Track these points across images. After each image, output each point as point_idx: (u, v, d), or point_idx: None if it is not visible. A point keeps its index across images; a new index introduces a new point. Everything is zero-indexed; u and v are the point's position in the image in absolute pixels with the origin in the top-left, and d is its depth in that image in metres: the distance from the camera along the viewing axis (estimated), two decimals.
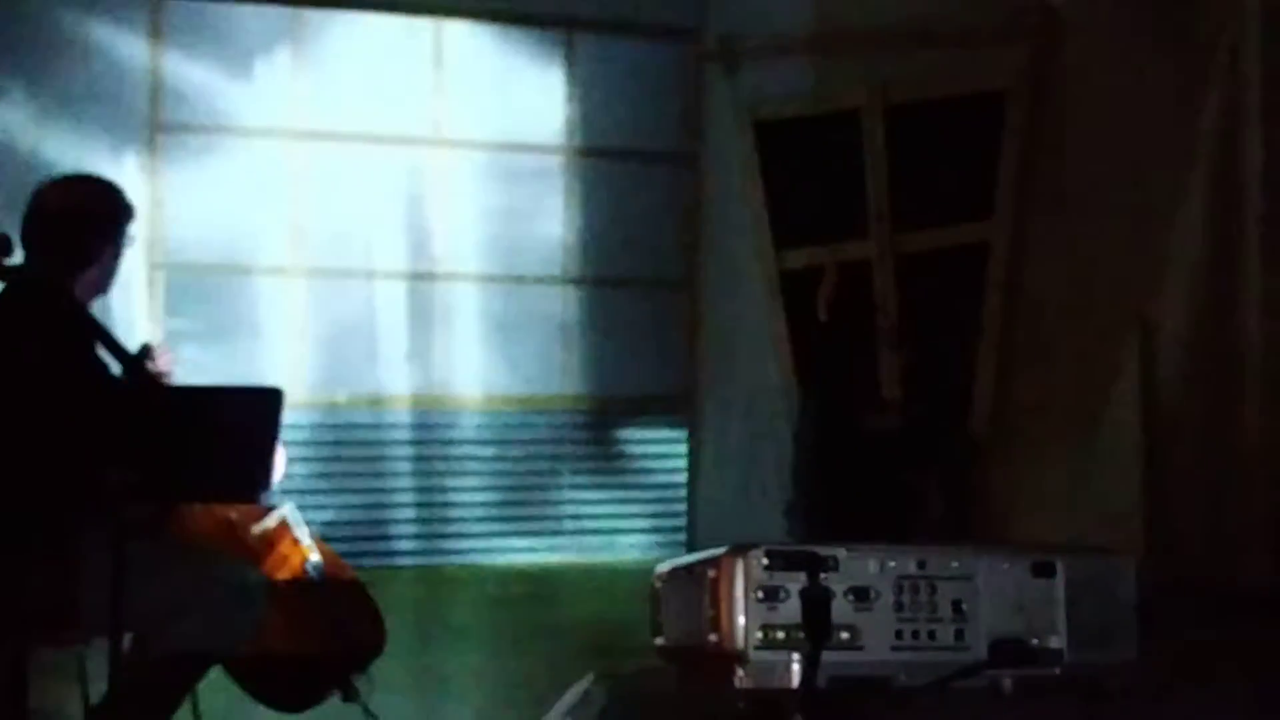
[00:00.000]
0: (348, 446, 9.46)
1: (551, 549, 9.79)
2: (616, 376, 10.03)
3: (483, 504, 9.71)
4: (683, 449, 10.18)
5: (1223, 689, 5.11)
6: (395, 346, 9.56)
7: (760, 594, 3.10)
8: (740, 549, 3.13)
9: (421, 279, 9.63)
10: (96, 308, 4.27)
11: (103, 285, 4.37)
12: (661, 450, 10.17)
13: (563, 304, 9.96)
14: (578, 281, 9.99)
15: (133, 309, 8.59)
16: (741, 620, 3.09)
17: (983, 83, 9.38)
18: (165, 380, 4.32)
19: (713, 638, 3.14)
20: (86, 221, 4.32)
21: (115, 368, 4.15)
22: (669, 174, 10.16)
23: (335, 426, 9.40)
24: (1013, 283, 9.34)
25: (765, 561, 3.11)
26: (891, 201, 9.48)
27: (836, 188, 9.58)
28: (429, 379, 9.63)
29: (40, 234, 4.28)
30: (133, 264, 4.56)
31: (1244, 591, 8.20)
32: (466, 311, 9.70)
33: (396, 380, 9.57)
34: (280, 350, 9.29)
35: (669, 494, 10.15)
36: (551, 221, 9.91)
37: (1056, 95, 9.22)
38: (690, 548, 9.86)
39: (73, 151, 8.39)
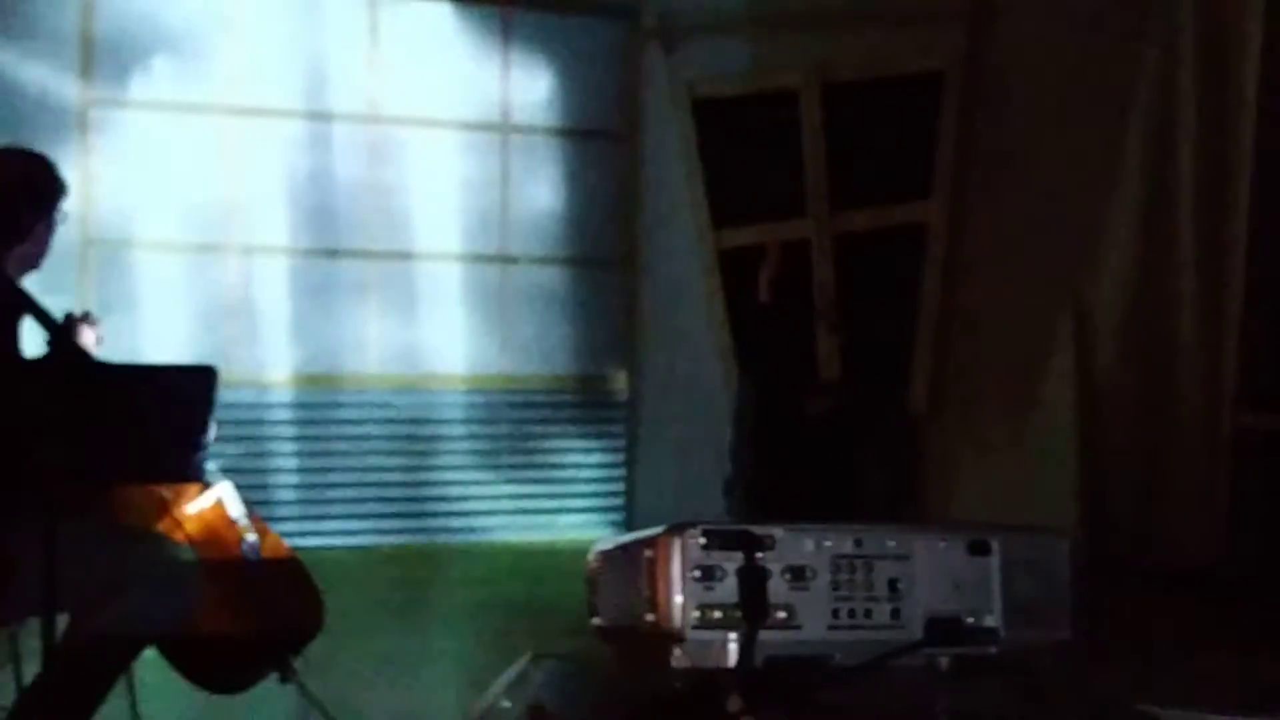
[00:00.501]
0: (283, 426, 9.40)
1: (490, 529, 9.77)
2: (555, 356, 10.02)
3: (421, 483, 9.68)
4: (621, 428, 10.17)
5: (1156, 665, 5.18)
6: (332, 324, 9.49)
7: (697, 573, 3.10)
8: (677, 528, 3.13)
9: (357, 257, 9.57)
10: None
11: (34, 261, 4.31)
12: (600, 430, 10.16)
13: (500, 282, 9.92)
14: (516, 260, 9.95)
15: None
16: (678, 599, 3.09)
17: (920, 63, 9.42)
18: (90, 353, 4.27)
19: (649, 617, 3.13)
20: (19, 196, 4.27)
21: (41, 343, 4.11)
22: (607, 152, 10.13)
23: (269, 406, 9.34)
24: (950, 262, 9.39)
25: (702, 541, 3.11)
26: (830, 181, 9.50)
27: (775, 167, 9.60)
28: (363, 358, 9.58)
29: None
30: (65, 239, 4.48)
31: (1176, 568, 8.30)
32: (402, 290, 9.64)
33: (333, 359, 9.52)
34: (216, 328, 9.20)
35: (607, 474, 10.14)
36: (488, 200, 9.86)
37: (993, 75, 9.27)
38: (629, 527, 9.87)
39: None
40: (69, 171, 4.42)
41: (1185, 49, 8.87)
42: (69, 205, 4.38)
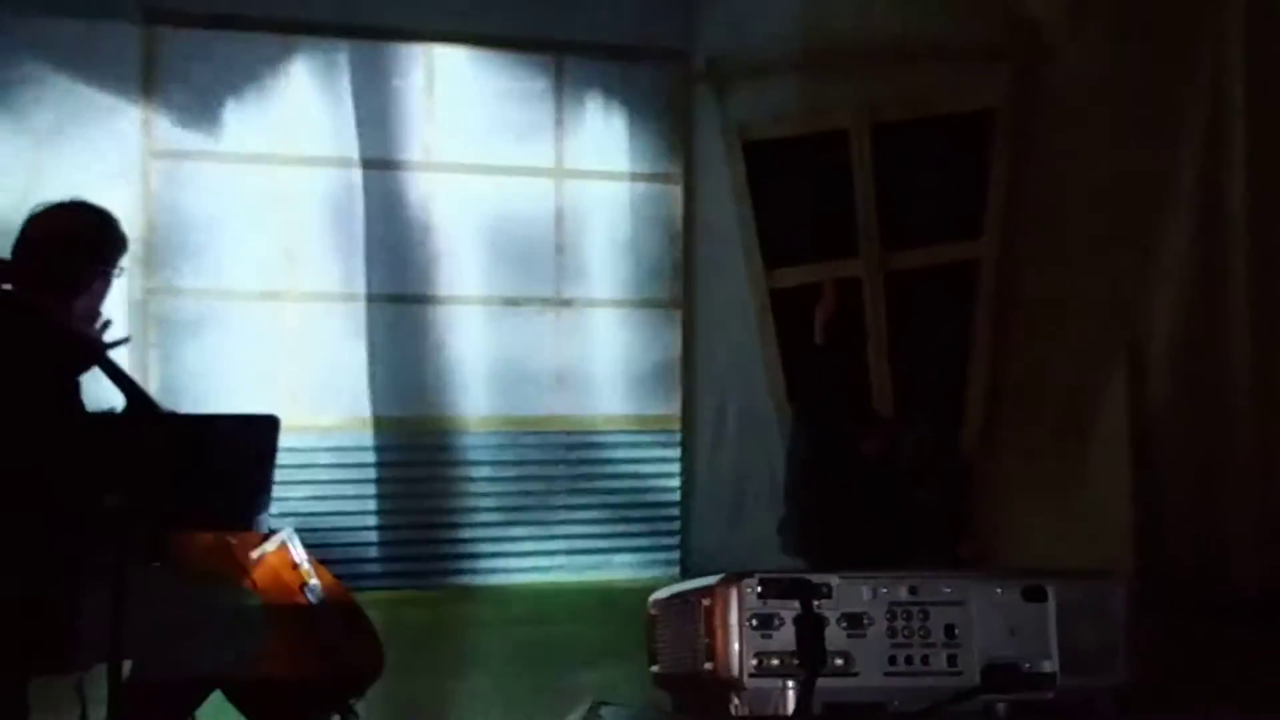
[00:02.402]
0: (344, 469, 9.47)
1: (546, 569, 9.80)
2: (609, 397, 10.05)
3: (478, 524, 9.72)
4: (676, 468, 10.19)
5: (1216, 706, 5.15)
6: (389, 369, 9.56)
7: (754, 621, 3.14)
8: (734, 577, 3.17)
9: (415, 302, 9.64)
10: None
11: (92, 314, 4.38)
12: (654, 470, 10.18)
13: (555, 325, 9.98)
14: (570, 303, 10.01)
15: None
16: (736, 648, 3.13)
17: (969, 101, 9.44)
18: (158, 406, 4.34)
19: (708, 665, 3.17)
20: (80, 249, 4.33)
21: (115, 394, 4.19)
22: (659, 195, 10.18)
23: (332, 450, 9.41)
24: (1002, 300, 9.38)
25: (759, 589, 3.15)
26: (880, 220, 9.51)
27: (826, 207, 9.62)
28: (424, 401, 9.64)
29: (30, 260, 4.28)
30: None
31: (1237, 599, 8.25)
32: (460, 334, 9.71)
33: (391, 402, 9.58)
34: (273, 374, 9.29)
35: (662, 513, 10.16)
36: (543, 245, 9.93)
37: (1042, 112, 9.27)
38: (684, 567, 9.89)
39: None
40: (130, 220, 4.48)
41: (1234, 81, 8.86)
42: (126, 261, 4.45)
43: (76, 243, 4.33)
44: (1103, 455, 9.03)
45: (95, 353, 4.22)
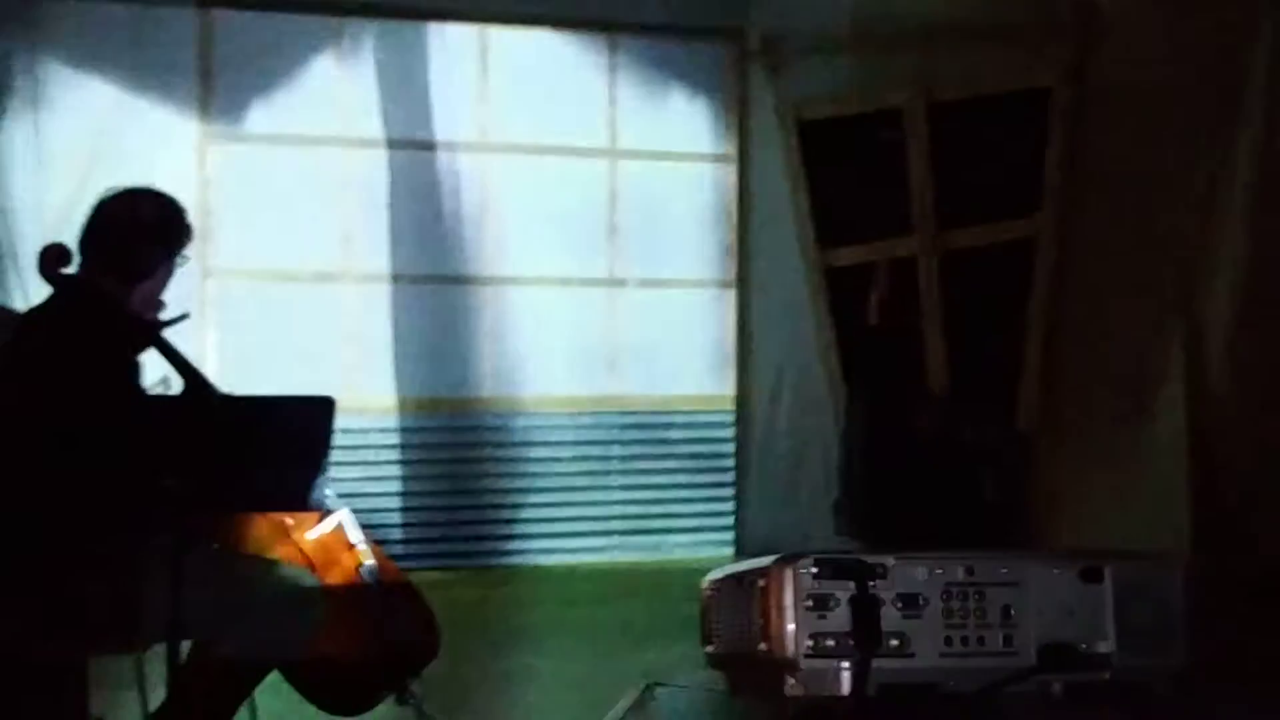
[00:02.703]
0: (400, 450, 9.52)
1: (601, 550, 9.83)
2: (663, 377, 10.06)
3: (533, 505, 9.75)
4: (730, 448, 10.19)
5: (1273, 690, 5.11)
6: (444, 350, 9.60)
7: (810, 602, 3.15)
8: (789, 558, 3.17)
9: (467, 283, 9.68)
10: None
11: (155, 301, 4.42)
12: (709, 450, 10.19)
13: (609, 305, 9.99)
14: (624, 282, 10.01)
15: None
16: (791, 628, 3.13)
17: (1027, 79, 9.35)
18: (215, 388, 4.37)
19: (763, 646, 3.18)
20: (147, 235, 4.37)
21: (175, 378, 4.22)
22: (713, 174, 10.17)
23: (387, 430, 9.47)
24: (1058, 277, 9.32)
25: (814, 570, 3.15)
26: (936, 198, 9.47)
27: (881, 185, 9.57)
28: (478, 382, 9.68)
29: (98, 245, 4.34)
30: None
31: None
32: (512, 313, 9.73)
33: (446, 383, 9.62)
34: (331, 355, 9.35)
35: (717, 493, 10.17)
36: (596, 223, 9.94)
37: (1100, 90, 9.20)
38: (738, 547, 9.90)
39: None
40: (186, 203, 4.53)
41: None
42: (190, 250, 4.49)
43: (143, 229, 4.37)
44: (1160, 437, 8.96)
45: (151, 334, 4.26)
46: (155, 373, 4.35)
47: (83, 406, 3.92)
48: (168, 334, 4.34)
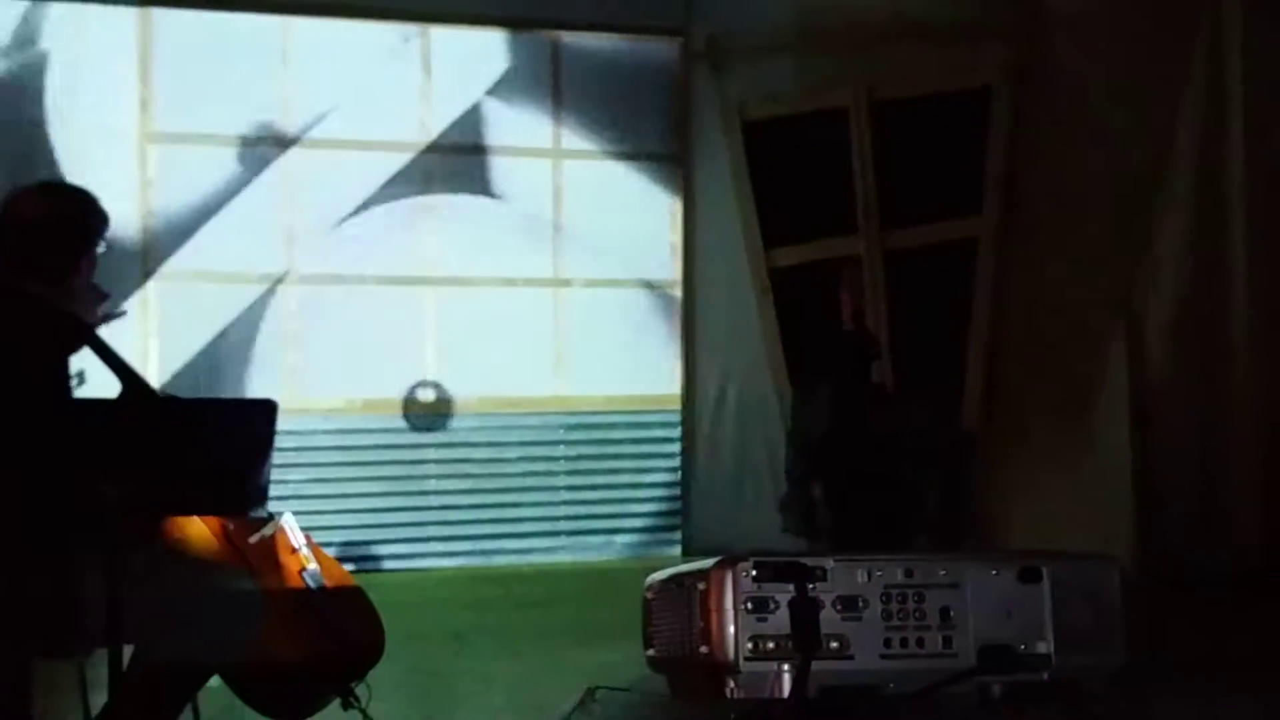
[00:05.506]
0: (340, 452, 9.47)
1: (547, 550, 9.82)
2: (609, 378, 10.05)
3: (478, 506, 9.73)
4: (676, 448, 10.20)
5: (1211, 687, 5.15)
6: (386, 351, 9.56)
7: (749, 605, 3.15)
8: (729, 561, 3.17)
9: (412, 284, 9.64)
10: None
11: (85, 294, 4.34)
12: (655, 450, 10.19)
13: (554, 305, 9.98)
14: (569, 282, 10.00)
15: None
16: (731, 631, 3.14)
17: (968, 79, 9.42)
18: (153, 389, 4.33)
19: (703, 649, 3.18)
20: (58, 232, 4.28)
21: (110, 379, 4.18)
22: (657, 174, 10.17)
23: (328, 432, 9.42)
24: (1001, 277, 9.38)
25: (754, 573, 3.16)
26: (879, 198, 9.52)
27: (825, 185, 9.61)
28: (423, 383, 9.65)
29: (11, 247, 4.25)
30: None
31: (1238, 572, 8.28)
32: (456, 315, 9.71)
33: (388, 385, 9.59)
34: (274, 356, 9.30)
35: (663, 493, 10.17)
36: (541, 223, 9.92)
37: (1041, 89, 9.26)
38: (686, 547, 9.91)
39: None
40: (127, 204, 4.47)
41: (1233, 56, 8.85)
42: (111, 236, 4.41)
43: (55, 226, 4.28)
44: (1103, 431, 9.04)
45: (86, 335, 4.20)
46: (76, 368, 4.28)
47: (13, 412, 3.87)
48: (105, 334, 4.29)
